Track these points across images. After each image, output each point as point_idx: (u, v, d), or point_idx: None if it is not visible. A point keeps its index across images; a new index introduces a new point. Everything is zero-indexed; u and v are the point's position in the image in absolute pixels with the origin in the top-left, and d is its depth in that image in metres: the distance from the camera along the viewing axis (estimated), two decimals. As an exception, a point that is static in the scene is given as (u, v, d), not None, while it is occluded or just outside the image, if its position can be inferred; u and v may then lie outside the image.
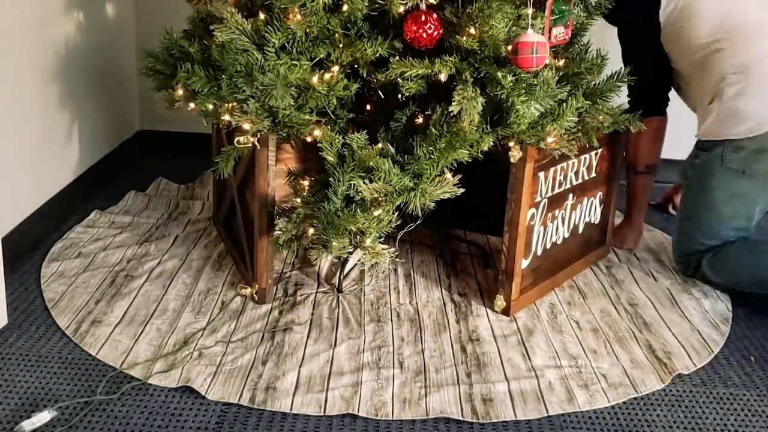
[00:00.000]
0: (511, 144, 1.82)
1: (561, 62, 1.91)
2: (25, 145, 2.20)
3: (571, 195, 2.10)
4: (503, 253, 1.94)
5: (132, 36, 3.01)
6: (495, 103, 1.78)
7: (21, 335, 1.81)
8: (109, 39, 2.79)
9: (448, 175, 1.75)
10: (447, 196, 1.75)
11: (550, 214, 2.03)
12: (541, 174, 1.94)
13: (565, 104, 1.82)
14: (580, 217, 2.18)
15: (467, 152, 1.76)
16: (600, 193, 2.25)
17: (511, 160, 1.84)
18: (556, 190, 2.02)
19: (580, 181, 2.12)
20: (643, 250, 2.41)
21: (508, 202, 1.90)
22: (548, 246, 2.06)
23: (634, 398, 1.67)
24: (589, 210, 2.22)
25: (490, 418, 1.58)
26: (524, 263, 1.97)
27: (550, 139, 1.80)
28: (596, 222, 2.28)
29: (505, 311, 1.97)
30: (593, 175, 2.17)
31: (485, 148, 1.78)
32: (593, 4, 2.08)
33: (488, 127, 1.79)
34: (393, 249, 1.75)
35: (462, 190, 1.75)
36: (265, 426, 1.54)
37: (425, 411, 1.59)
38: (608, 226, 2.32)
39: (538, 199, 1.96)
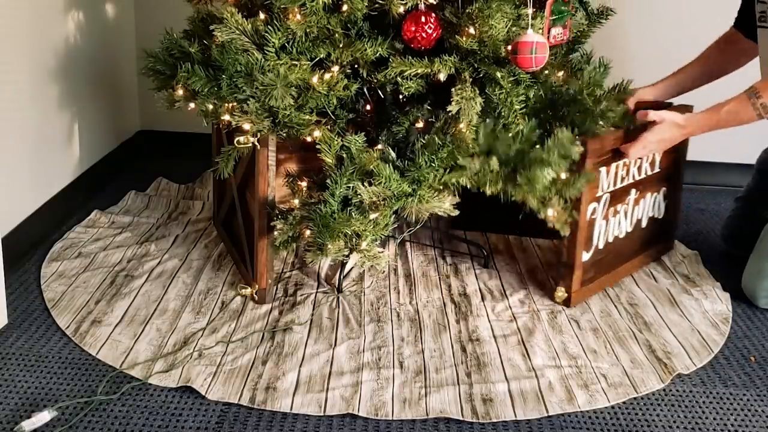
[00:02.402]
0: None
1: (560, 73, 1.91)
2: (25, 145, 2.20)
3: (633, 190, 2.13)
4: (564, 245, 2.00)
5: (132, 36, 3.01)
6: (511, 160, 1.78)
7: (21, 335, 1.81)
8: (109, 39, 2.79)
9: (449, 199, 1.76)
10: (442, 213, 1.76)
11: (612, 208, 2.06)
12: (603, 169, 1.97)
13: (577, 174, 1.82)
14: (643, 212, 2.21)
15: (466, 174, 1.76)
16: (664, 188, 2.28)
17: (573, 157, 1.87)
18: (618, 185, 2.06)
19: (643, 176, 2.15)
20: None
21: None
22: (610, 240, 2.09)
23: (634, 398, 1.67)
24: (653, 205, 2.25)
25: (490, 418, 1.58)
26: (585, 256, 2.00)
27: (550, 211, 1.81)
28: (660, 217, 2.30)
29: (566, 302, 2.02)
30: (656, 170, 2.20)
31: (489, 192, 1.79)
32: (595, 12, 2.07)
33: (503, 182, 1.79)
34: (390, 253, 1.75)
35: (457, 212, 1.76)
36: (265, 426, 1.54)
37: (425, 411, 1.59)
38: (674, 222, 2.36)
39: (600, 193, 1.99)
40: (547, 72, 1.88)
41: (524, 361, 1.78)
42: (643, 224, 2.23)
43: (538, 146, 1.76)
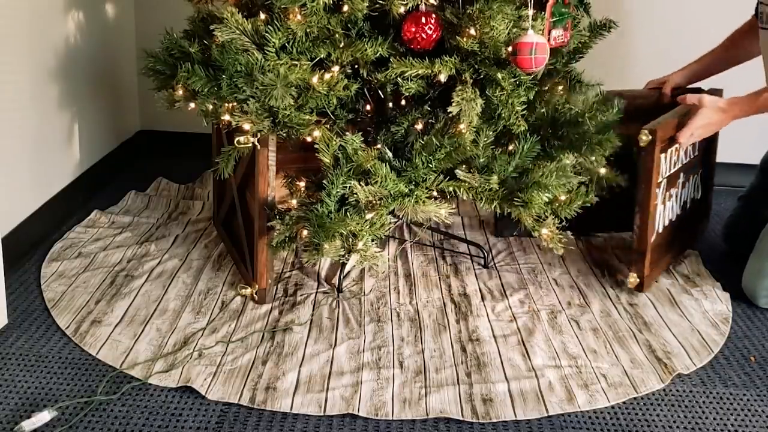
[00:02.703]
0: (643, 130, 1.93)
1: (560, 88, 1.91)
2: (25, 145, 2.20)
3: (682, 174, 2.21)
4: (634, 232, 2.05)
5: (132, 36, 3.01)
6: (510, 179, 1.79)
7: (21, 335, 1.81)
8: (109, 39, 2.79)
9: (445, 206, 1.78)
10: (435, 217, 1.77)
11: (667, 192, 2.13)
12: (663, 155, 2.03)
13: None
14: (688, 194, 2.29)
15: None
16: (701, 169, 2.36)
17: (641, 144, 1.94)
18: (672, 170, 2.12)
19: (689, 159, 2.23)
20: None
21: (638, 184, 2.00)
22: (666, 224, 2.16)
23: (634, 398, 1.67)
24: (694, 187, 2.33)
25: (490, 418, 1.58)
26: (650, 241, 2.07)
27: (545, 231, 1.82)
28: (699, 198, 2.38)
29: (639, 287, 2.08)
30: (697, 152, 2.28)
31: (484, 208, 1.80)
32: (598, 24, 2.06)
33: (500, 200, 1.80)
34: (390, 254, 1.75)
35: (452, 221, 1.77)
36: (265, 426, 1.54)
37: (425, 411, 1.59)
38: (707, 201, 2.45)
39: (660, 179, 2.06)
40: (548, 87, 1.88)
41: (524, 361, 1.78)
42: (688, 205, 2.30)
43: (537, 168, 1.78)
